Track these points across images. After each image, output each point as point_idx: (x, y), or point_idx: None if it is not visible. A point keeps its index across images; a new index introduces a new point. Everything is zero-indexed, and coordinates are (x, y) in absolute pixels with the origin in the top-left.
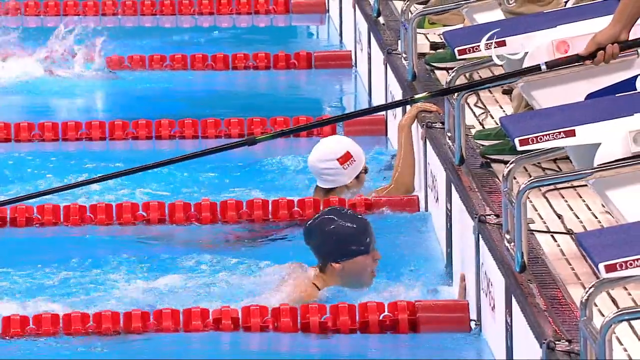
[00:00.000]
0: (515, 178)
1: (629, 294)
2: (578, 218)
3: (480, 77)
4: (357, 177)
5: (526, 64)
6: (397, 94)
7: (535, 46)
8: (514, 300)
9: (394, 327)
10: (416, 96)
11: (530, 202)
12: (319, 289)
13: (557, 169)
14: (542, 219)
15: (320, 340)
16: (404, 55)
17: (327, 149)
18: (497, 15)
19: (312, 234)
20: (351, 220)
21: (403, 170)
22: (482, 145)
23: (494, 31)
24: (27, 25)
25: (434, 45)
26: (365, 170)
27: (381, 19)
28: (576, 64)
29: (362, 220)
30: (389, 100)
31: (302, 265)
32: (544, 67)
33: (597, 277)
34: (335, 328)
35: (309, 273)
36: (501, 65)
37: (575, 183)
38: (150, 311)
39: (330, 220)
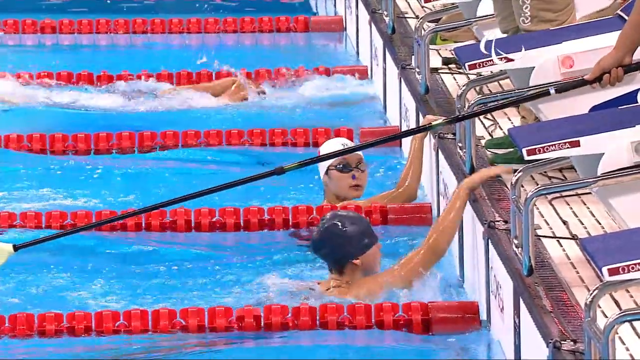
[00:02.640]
0: (522, 186)
1: (631, 296)
2: (582, 224)
3: (490, 90)
4: (327, 174)
5: (533, 78)
6: (411, 106)
7: (541, 61)
8: (521, 302)
9: (408, 326)
10: (434, 123)
11: (537, 208)
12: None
13: (563, 178)
14: (548, 224)
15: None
16: (417, 69)
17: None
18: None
19: (324, 242)
20: (355, 217)
21: (412, 180)
22: (494, 153)
23: (493, 33)
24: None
25: (445, 61)
26: (340, 170)
27: (396, 36)
28: (583, 86)
29: (361, 216)
30: (403, 112)
31: (311, 284)
32: (552, 91)
33: (601, 280)
34: (352, 327)
35: (321, 287)
36: (509, 78)
37: (580, 191)
38: (176, 310)
39: (339, 223)
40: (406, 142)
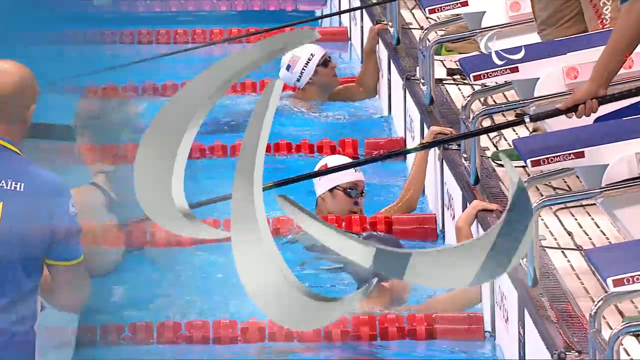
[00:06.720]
0: None
1: (636, 307)
2: (587, 235)
3: (495, 101)
4: (330, 192)
5: (538, 89)
6: (416, 117)
7: (546, 72)
8: (526, 312)
9: (412, 337)
10: (409, 147)
11: (542, 219)
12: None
13: (567, 189)
14: (553, 235)
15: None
16: (422, 80)
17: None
18: (510, 43)
19: None
20: (396, 240)
21: (414, 192)
22: (501, 164)
23: (493, 32)
24: None
25: (450, 72)
26: (348, 194)
27: (400, 47)
28: (557, 116)
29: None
30: (408, 123)
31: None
32: (527, 119)
33: (606, 291)
34: (357, 338)
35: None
36: (513, 89)
37: (585, 202)
38: (181, 322)
39: (379, 240)
40: (412, 155)
